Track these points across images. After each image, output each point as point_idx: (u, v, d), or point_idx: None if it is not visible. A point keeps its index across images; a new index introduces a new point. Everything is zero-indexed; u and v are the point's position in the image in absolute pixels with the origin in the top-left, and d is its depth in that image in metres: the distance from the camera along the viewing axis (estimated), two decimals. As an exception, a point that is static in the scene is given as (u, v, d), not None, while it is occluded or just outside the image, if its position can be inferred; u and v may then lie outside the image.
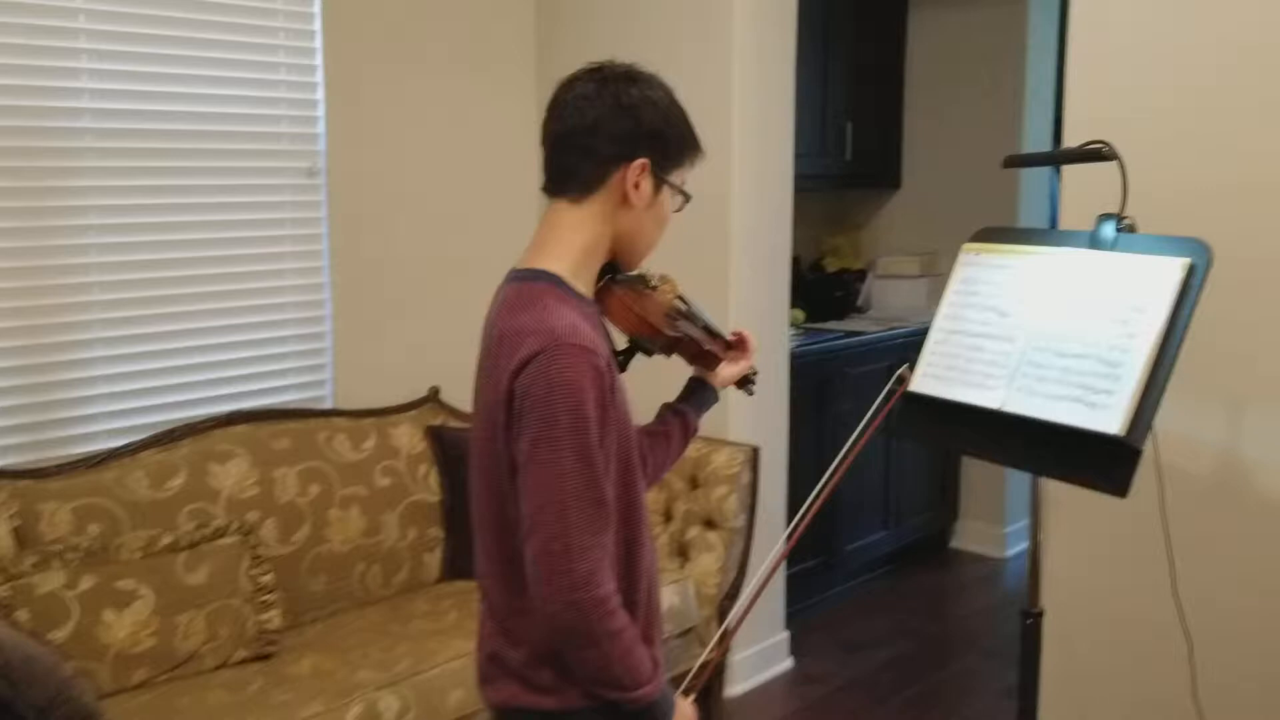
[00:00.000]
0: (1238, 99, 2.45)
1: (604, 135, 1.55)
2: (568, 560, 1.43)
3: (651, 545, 1.66)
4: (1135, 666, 2.70)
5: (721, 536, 3.31)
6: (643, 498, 1.62)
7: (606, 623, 1.46)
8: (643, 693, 1.51)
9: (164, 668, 2.61)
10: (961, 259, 2.23)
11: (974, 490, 5.04)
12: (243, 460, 3.00)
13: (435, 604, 3.11)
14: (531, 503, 1.45)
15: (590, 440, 1.44)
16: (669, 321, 1.72)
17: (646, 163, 1.56)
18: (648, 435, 1.79)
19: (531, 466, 1.45)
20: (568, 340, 1.44)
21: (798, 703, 3.63)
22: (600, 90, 1.56)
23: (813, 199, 4.90)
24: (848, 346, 4.41)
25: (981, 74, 4.80)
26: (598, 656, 1.47)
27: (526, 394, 1.45)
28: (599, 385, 1.46)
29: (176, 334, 3.09)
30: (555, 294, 1.53)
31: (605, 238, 1.60)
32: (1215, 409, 2.53)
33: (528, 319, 1.49)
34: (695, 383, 1.90)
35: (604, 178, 1.56)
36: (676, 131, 1.60)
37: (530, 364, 1.44)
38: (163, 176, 3.03)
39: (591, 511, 1.45)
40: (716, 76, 3.46)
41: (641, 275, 1.73)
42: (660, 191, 1.60)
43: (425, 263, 3.64)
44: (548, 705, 1.56)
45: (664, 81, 1.62)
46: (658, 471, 1.80)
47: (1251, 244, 2.43)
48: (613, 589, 1.48)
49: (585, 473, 1.44)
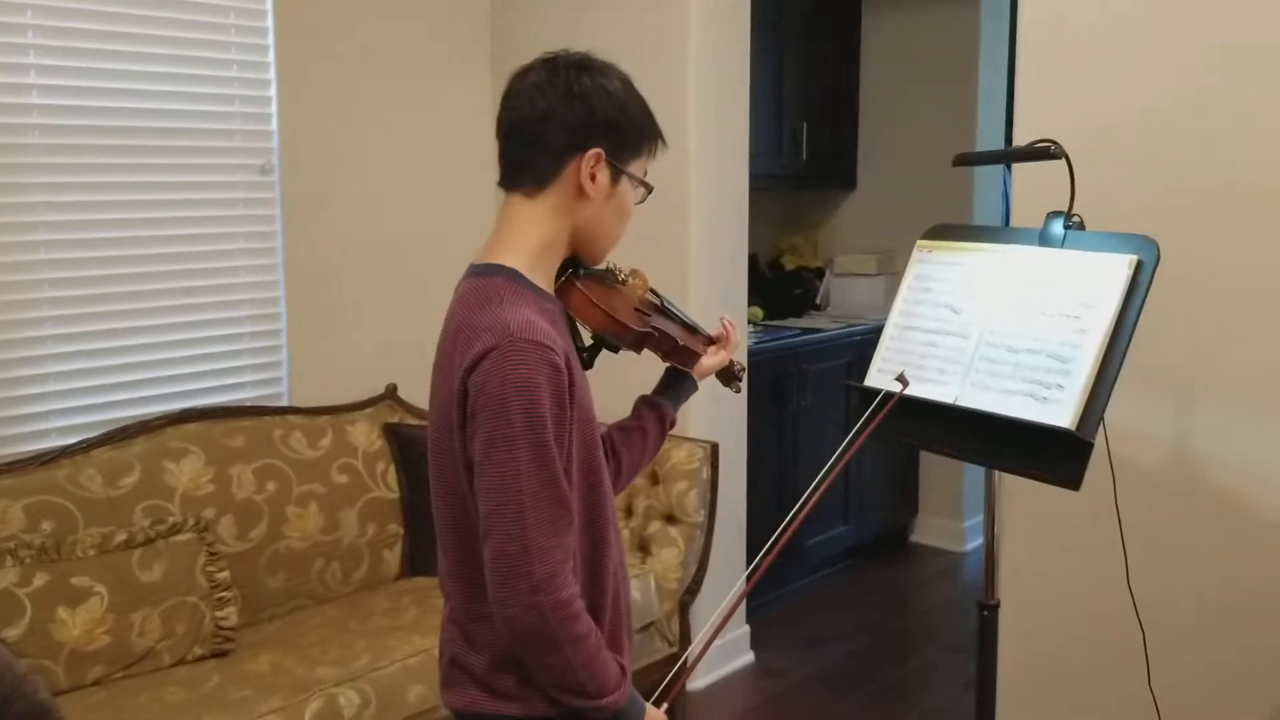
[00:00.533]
0: (1184, 100, 2.49)
1: (555, 125, 1.50)
2: (526, 562, 1.38)
3: (619, 547, 1.62)
4: (1092, 657, 2.74)
5: (682, 531, 3.33)
6: (608, 498, 1.57)
7: (568, 627, 1.41)
8: (608, 701, 1.46)
9: (120, 665, 2.59)
10: (915, 256, 2.26)
11: (933, 485, 5.09)
12: (197, 458, 2.98)
13: (395, 601, 3.10)
14: (488, 503, 1.41)
15: (546, 438, 1.40)
16: (638, 316, 1.67)
17: (601, 153, 1.51)
18: (621, 430, 1.76)
19: (487, 466, 1.40)
20: (522, 336, 1.40)
21: (758, 697, 3.65)
22: (551, 79, 1.51)
23: (770, 198, 4.93)
24: (805, 344, 4.44)
25: (935, 75, 4.85)
26: (560, 662, 1.43)
27: (480, 392, 1.40)
28: (555, 382, 1.41)
29: (128, 331, 3.06)
30: (511, 289, 1.48)
31: (563, 231, 1.55)
32: (1166, 404, 2.58)
33: (481, 315, 1.45)
34: (673, 374, 1.85)
35: (558, 170, 1.51)
36: (633, 121, 1.55)
37: (483, 361, 1.40)
38: (113, 174, 3.00)
39: (550, 511, 1.40)
40: (672, 77, 3.47)
41: (609, 269, 1.69)
42: (619, 183, 1.56)
43: (381, 259, 3.62)
44: (510, 712, 1.51)
45: (621, 70, 1.58)
46: (634, 467, 1.76)
47: (1199, 241, 2.47)
48: (575, 592, 1.44)
49: (542, 472, 1.40)
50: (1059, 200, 2.07)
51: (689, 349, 1.78)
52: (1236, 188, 2.44)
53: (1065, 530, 2.74)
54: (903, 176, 4.96)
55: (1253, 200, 2.42)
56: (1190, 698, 2.57)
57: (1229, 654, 2.54)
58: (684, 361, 1.80)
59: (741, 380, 1.93)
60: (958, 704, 3.52)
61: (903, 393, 1.98)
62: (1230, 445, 2.50)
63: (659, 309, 1.77)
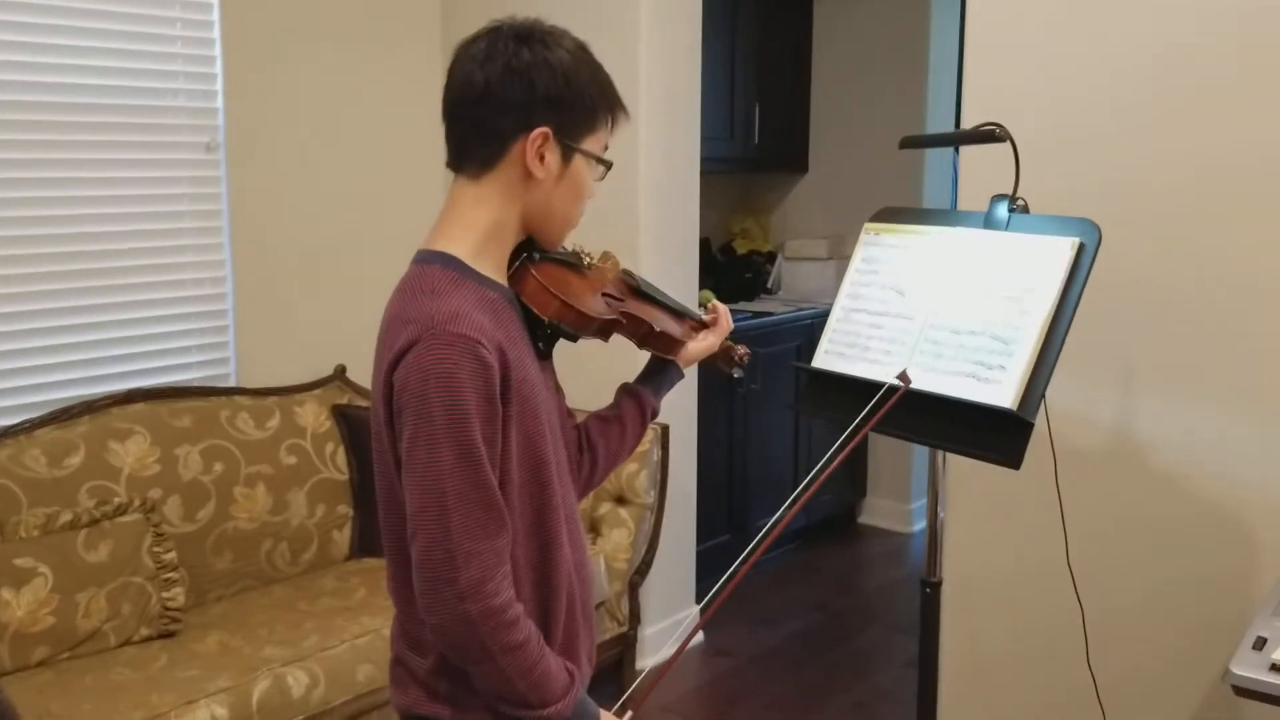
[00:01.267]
0: (1130, 85, 2.53)
1: (493, 105, 1.39)
2: (452, 568, 1.30)
3: (579, 546, 1.54)
4: (1032, 634, 2.79)
5: (632, 512, 3.35)
6: (559, 496, 1.47)
7: (502, 635, 1.33)
8: (550, 712, 1.39)
9: (65, 646, 2.57)
10: (863, 239, 2.28)
11: (882, 468, 5.15)
12: (143, 438, 2.95)
13: (344, 581, 3.09)
14: (412, 505, 1.33)
15: (473, 436, 1.31)
16: (604, 302, 1.56)
17: (548, 132, 1.40)
18: (600, 421, 1.68)
19: (410, 466, 1.32)
20: (446, 328, 1.31)
21: (709, 674, 3.68)
22: (490, 53, 1.40)
23: (722, 182, 4.95)
24: (756, 327, 4.47)
25: (886, 60, 4.89)
26: (495, 672, 1.35)
27: (403, 388, 1.32)
28: (482, 377, 1.32)
29: (72, 311, 3.02)
30: (446, 277, 1.38)
31: (512, 216, 1.45)
32: (1108, 387, 2.63)
33: (411, 305, 1.37)
34: (656, 361, 1.76)
35: (501, 151, 1.41)
36: (581, 94, 1.43)
37: (406, 354, 1.32)
38: (53, 150, 2.95)
39: (479, 514, 1.32)
40: (623, 58, 3.46)
41: (574, 252, 1.58)
42: (571, 161, 1.45)
43: (330, 239, 3.59)
44: (447, 716, 1.45)
45: (574, 38, 1.47)
46: (611, 459, 1.69)
47: (1142, 226, 2.52)
48: (509, 598, 1.35)
49: (467, 472, 1.31)
50: (1006, 184, 2.10)
51: (667, 335, 1.69)
52: (1178, 173, 2.49)
53: (1008, 510, 2.79)
54: (854, 161, 5.00)
55: (1194, 186, 2.47)
56: (1128, 675, 2.63)
57: (1166, 632, 2.60)
58: (663, 348, 1.71)
59: (744, 367, 1.85)
60: (901, 680, 3.58)
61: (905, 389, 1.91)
62: (1169, 427, 2.56)
63: (635, 293, 1.67)
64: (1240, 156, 2.41)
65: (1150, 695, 2.62)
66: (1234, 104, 2.41)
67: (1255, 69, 2.38)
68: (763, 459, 4.52)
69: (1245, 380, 2.45)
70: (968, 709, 2.94)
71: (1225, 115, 2.42)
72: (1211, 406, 2.50)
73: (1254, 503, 2.46)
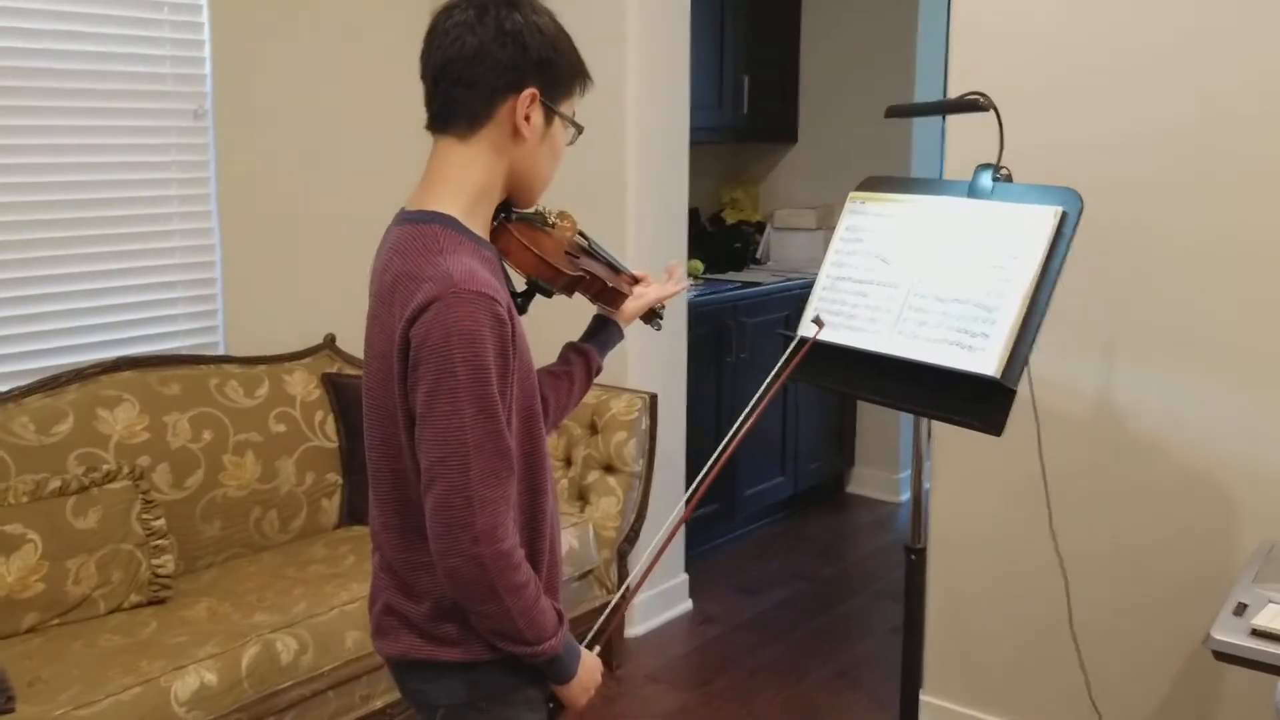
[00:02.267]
0: (1114, 57, 2.54)
1: (487, 65, 1.44)
2: (470, 513, 1.38)
3: (555, 494, 1.62)
4: (1016, 600, 2.83)
5: (621, 481, 3.36)
6: (545, 446, 1.57)
7: (509, 577, 1.42)
8: (546, 647, 1.48)
9: (55, 612, 2.58)
10: (848, 207, 2.29)
11: (869, 437, 5.18)
12: (131, 406, 2.96)
13: (333, 549, 3.11)
14: (431, 455, 1.39)
15: (490, 390, 1.38)
16: (569, 260, 1.65)
17: (536, 93, 1.47)
18: (549, 376, 1.75)
19: (430, 418, 1.38)
20: (466, 286, 1.36)
21: (696, 641, 3.72)
22: (481, 16, 1.45)
23: (712, 152, 4.95)
24: (745, 297, 4.48)
25: (875, 30, 4.88)
26: (499, 611, 1.43)
27: (423, 343, 1.37)
28: (499, 333, 1.39)
29: (59, 278, 3.01)
30: (450, 236, 1.44)
31: (499, 175, 1.51)
32: (1090, 355, 2.65)
33: (422, 264, 1.41)
34: (599, 320, 1.84)
35: (491, 111, 1.47)
36: (565, 59, 1.51)
37: (426, 311, 1.37)
38: (39, 117, 2.93)
39: (495, 463, 1.39)
40: (612, 27, 3.46)
41: (539, 212, 1.65)
42: (552, 123, 1.52)
43: (319, 206, 3.58)
44: (450, 657, 1.52)
45: (547, 6, 1.53)
46: (560, 413, 1.76)
47: (1125, 195, 2.53)
48: (516, 542, 1.44)
49: (486, 424, 1.38)
50: (991, 153, 2.11)
51: (616, 290, 1.77)
52: (1161, 144, 2.50)
53: (993, 477, 2.82)
54: (843, 131, 4.99)
55: (1176, 157, 2.48)
56: (1109, 640, 2.66)
57: (1146, 597, 2.63)
58: (611, 303, 1.80)
59: (661, 318, 1.91)
60: (886, 646, 3.61)
61: (816, 337, 1.99)
62: (1150, 395, 2.58)
63: (587, 251, 1.75)
64: (1219, 126, 2.42)
65: (1133, 659, 2.66)
66: (1214, 77, 2.42)
67: (1232, 41, 2.38)
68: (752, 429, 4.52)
69: (1226, 346, 2.47)
70: (952, 673, 2.97)
71: (1206, 87, 2.43)
72: (1193, 373, 2.52)
73: (1234, 468, 2.48)
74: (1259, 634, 1.82)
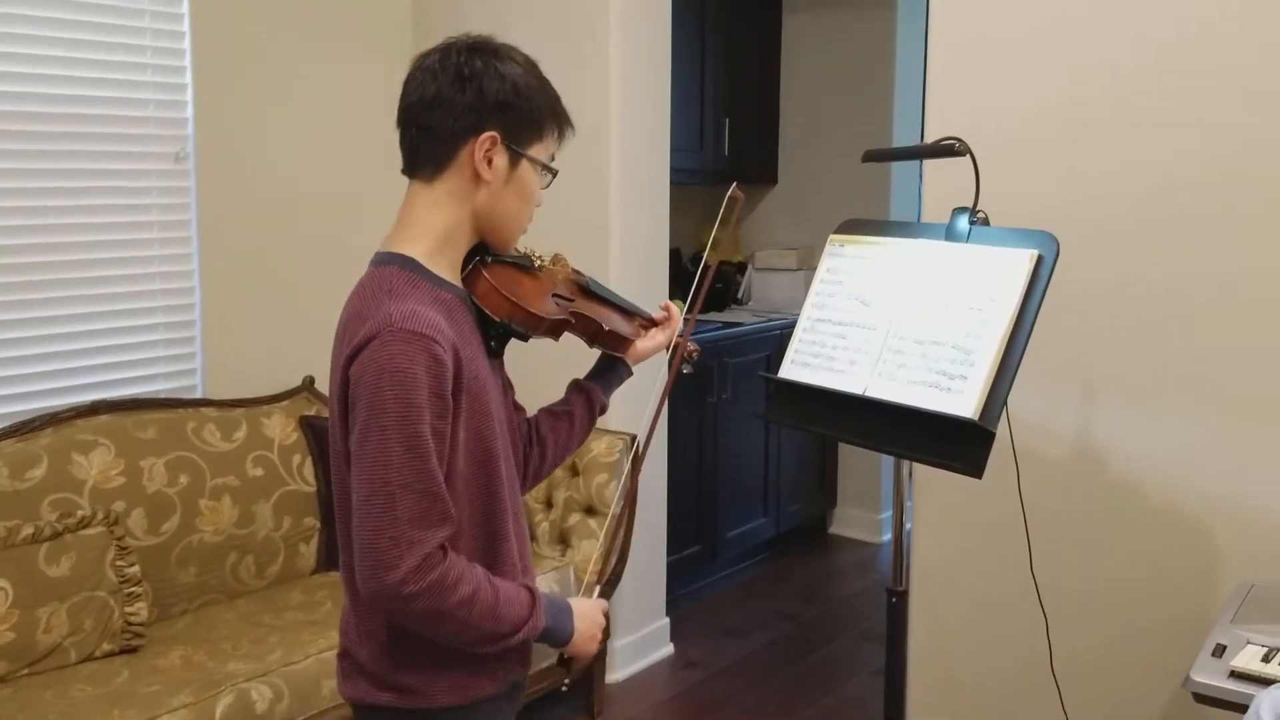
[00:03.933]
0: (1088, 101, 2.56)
1: (445, 109, 1.47)
2: (396, 555, 1.35)
3: (524, 541, 1.60)
4: (997, 642, 2.81)
5: (601, 523, 3.34)
6: (506, 490, 1.54)
7: (448, 599, 1.38)
8: (526, 630, 1.48)
9: (25, 661, 2.54)
10: (828, 249, 2.30)
11: (851, 477, 5.17)
12: (107, 450, 2.93)
13: (310, 595, 3.08)
14: (358, 494, 1.38)
15: (422, 429, 1.37)
16: (554, 303, 1.63)
17: (496, 135, 1.48)
18: (548, 415, 1.75)
19: (359, 456, 1.38)
20: (402, 326, 1.37)
21: (678, 687, 3.68)
22: (443, 62, 1.48)
23: (693, 193, 4.97)
24: (726, 337, 4.49)
25: (854, 74, 4.93)
26: (459, 628, 1.42)
27: (358, 381, 1.38)
28: (435, 373, 1.38)
29: (36, 322, 2.99)
30: (403, 278, 1.45)
31: (464, 218, 1.52)
32: (1069, 397, 2.65)
33: (370, 305, 1.43)
34: (607, 358, 1.83)
35: (452, 154, 1.49)
36: (529, 103, 1.51)
37: (362, 351, 1.38)
38: (21, 160, 2.93)
39: (424, 505, 1.37)
40: (593, 69, 3.48)
41: (525, 254, 1.65)
42: (518, 166, 1.52)
43: (299, 250, 3.58)
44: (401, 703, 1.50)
45: (524, 54, 1.54)
46: (561, 452, 1.75)
47: (1100, 239, 2.55)
48: (446, 564, 1.39)
49: (415, 464, 1.36)
50: (968, 197, 2.13)
51: (616, 334, 1.74)
52: (1136, 187, 2.52)
53: (973, 519, 2.81)
54: (823, 172, 5.03)
55: (1151, 200, 2.50)
56: (1090, 680, 2.65)
57: (1128, 638, 2.62)
58: (612, 346, 1.77)
59: (692, 361, 1.91)
60: (869, 689, 3.59)
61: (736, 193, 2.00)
62: (1128, 436, 2.58)
63: (584, 292, 1.73)
64: (1196, 172, 2.44)
65: (1113, 700, 2.65)
66: (1190, 122, 2.44)
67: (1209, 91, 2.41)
68: (733, 469, 4.53)
69: (1204, 387, 2.48)
70: (934, 716, 2.95)
71: (1182, 132, 2.46)
72: (1171, 414, 2.52)
73: (1213, 509, 2.49)
74: (1238, 675, 1.82)
